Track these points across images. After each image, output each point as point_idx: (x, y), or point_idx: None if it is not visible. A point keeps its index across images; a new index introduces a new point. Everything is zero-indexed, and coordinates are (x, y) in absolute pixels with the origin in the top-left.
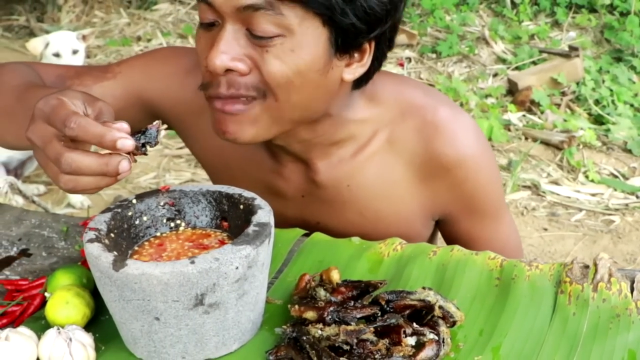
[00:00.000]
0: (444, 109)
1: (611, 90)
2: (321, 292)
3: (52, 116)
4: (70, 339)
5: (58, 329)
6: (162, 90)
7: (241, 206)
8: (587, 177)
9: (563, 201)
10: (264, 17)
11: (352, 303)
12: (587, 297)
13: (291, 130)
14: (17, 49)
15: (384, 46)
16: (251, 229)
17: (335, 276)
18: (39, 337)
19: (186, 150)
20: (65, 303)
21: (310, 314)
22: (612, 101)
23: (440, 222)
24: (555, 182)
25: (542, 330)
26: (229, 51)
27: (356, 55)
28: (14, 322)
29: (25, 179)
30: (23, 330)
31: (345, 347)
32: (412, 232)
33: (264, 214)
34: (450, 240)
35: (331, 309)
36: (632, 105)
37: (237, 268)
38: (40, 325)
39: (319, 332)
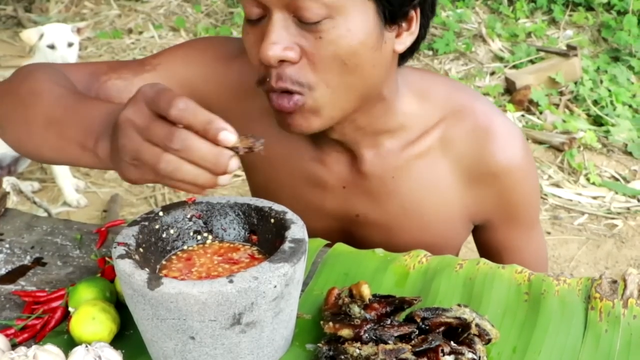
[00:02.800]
0: (497, 116)
1: (609, 90)
2: (355, 309)
3: (158, 97)
4: (100, 357)
5: (86, 346)
6: (207, 74)
7: (272, 220)
8: (588, 179)
9: (565, 204)
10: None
11: (388, 321)
12: (618, 313)
13: (350, 116)
14: (5, 40)
15: (428, 12)
16: (287, 245)
17: (366, 291)
18: (64, 353)
19: None
20: (91, 319)
21: (345, 332)
22: (611, 102)
23: (477, 228)
24: (557, 185)
25: (575, 348)
26: (281, 41)
27: (404, 24)
28: (36, 337)
29: (19, 175)
30: (50, 347)
31: None
32: (452, 232)
33: (298, 229)
34: (482, 246)
35: (368, 327)
36: (630, 106)
37: (275, 287)
38: (63, 340)
39: (357, 351)
